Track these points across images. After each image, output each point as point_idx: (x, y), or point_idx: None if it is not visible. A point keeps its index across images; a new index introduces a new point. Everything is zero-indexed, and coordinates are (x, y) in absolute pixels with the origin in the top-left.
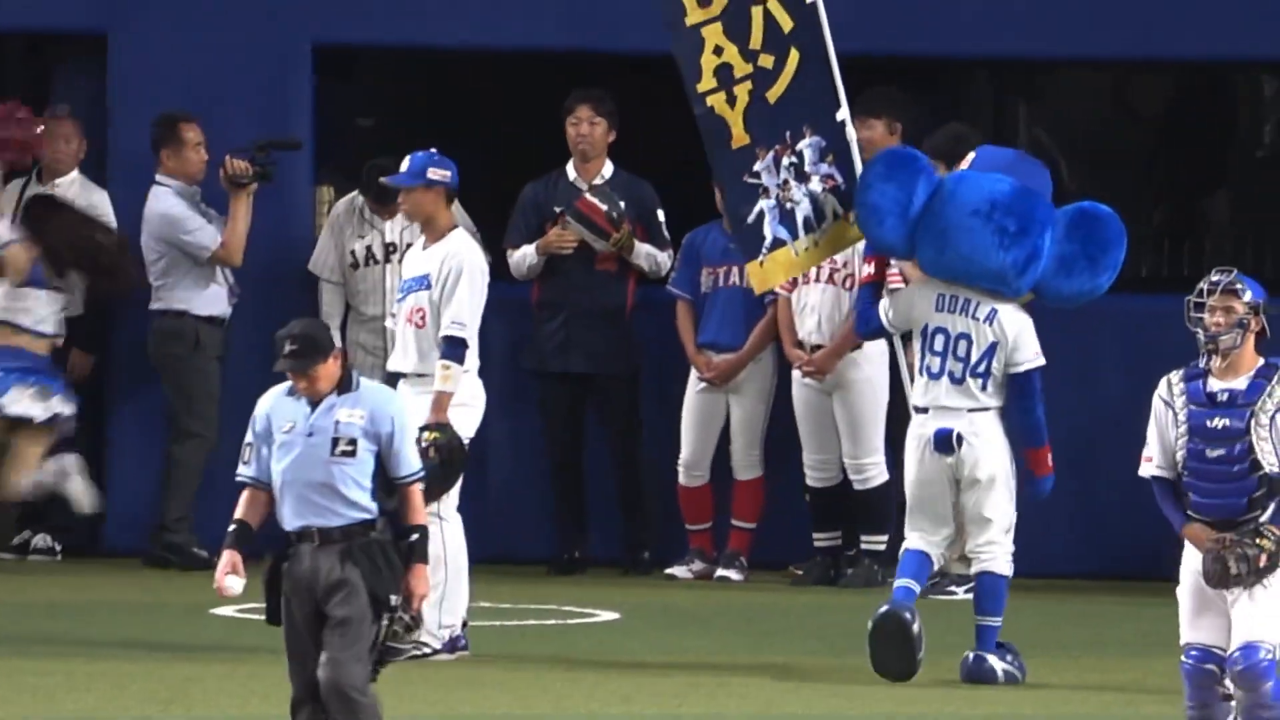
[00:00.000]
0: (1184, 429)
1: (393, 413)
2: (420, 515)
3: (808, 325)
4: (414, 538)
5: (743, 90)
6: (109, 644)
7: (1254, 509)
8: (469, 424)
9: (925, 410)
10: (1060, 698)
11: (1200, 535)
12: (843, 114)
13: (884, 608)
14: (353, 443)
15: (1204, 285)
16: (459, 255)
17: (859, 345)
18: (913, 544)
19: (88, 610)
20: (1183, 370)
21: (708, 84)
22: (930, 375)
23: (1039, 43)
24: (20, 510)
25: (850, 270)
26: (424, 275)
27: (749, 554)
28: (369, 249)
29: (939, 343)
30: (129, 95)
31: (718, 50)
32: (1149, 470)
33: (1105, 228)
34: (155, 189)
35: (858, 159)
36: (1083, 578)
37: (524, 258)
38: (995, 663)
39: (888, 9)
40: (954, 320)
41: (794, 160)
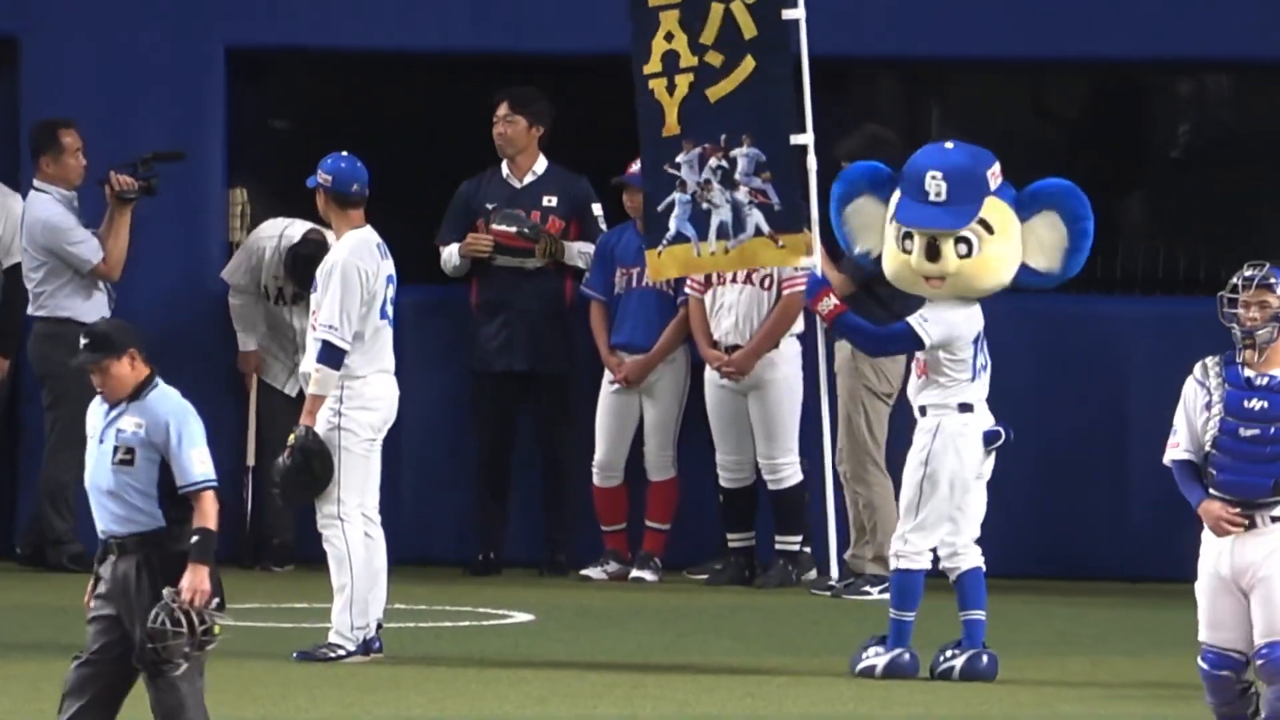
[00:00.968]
0: (1218, 408)
1: (171, 421)
2: (206, 519)
3: (724, 325)
4: (194, 539)
5: (684, 81)
6: (22, 646)
7: (1277, 492)
8: (367, 426)
9: (971, 408)
10: (974, 698)
11: (1218, 512)
12: (804, 139)
13: (892, 667)
14: (130, 452)
15: (1237, 280)
16: (334, 257)
17: (776, 345)
18: (919, 563)
19: (8, 614)
20: (1220, 355)
21: (653, 67)
22: (982, 373)
23: (951, 43)
24: None
25: (769, 271)
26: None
27: (663, 555)
28: (281, 290)
29: (983, 342)
30: (41, 100)
31: (669, 36)
32: (1176, 455)
33: (1070, 193)
34: (34, 195)
35: (813, 185)
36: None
37: (450, 256)
38: (987, 658)
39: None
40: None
41: (723, 164)
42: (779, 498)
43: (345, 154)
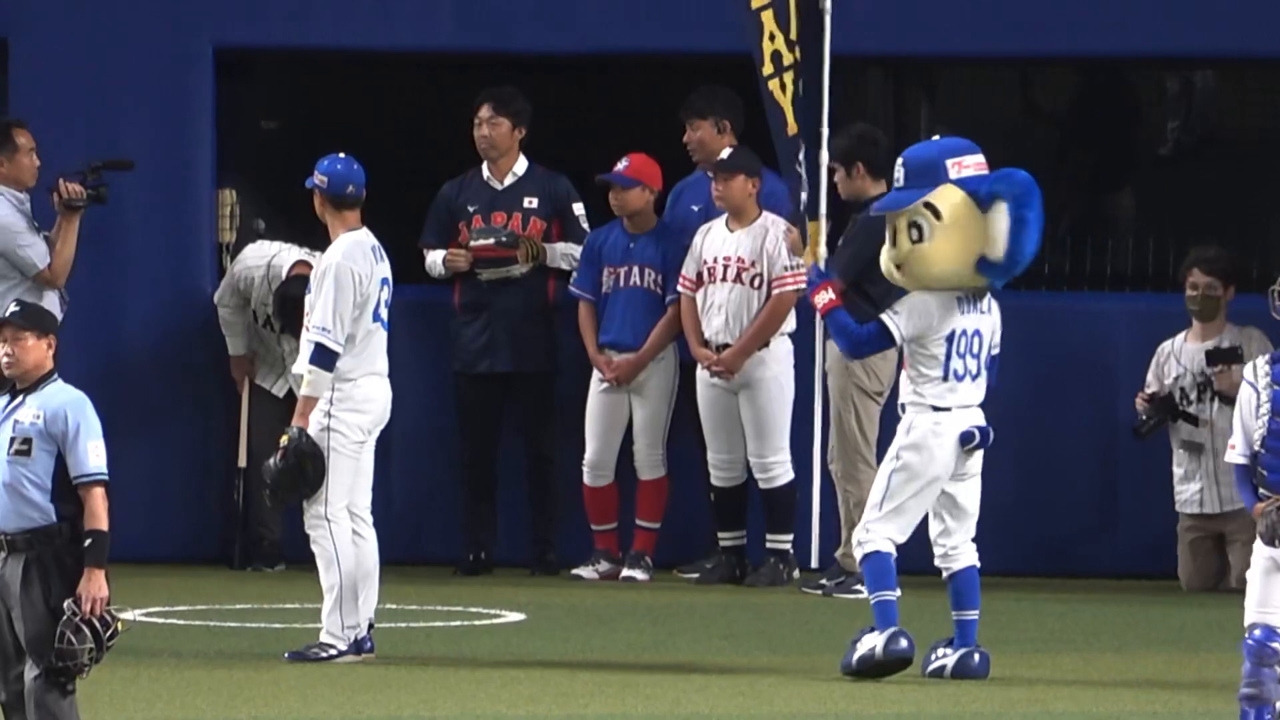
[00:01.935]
0: (1267, 407)
1: (70, 412)
2: (97, 519)
3: (715, 324)
4: (88, 542)
5: (789, 79)
6: None
7: None
8: (356, 428)
9: (948, 410)
10: (965, 696)
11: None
12: (823, 130)
13: (891, 647)
14: (27, 442)
15: None
16: (327, 259)
17: (766, 344)
18: (884, 546)
19: None
20: (1268, 355)
21: (768, 68)
22: (957, 378)
23: (939, 41)
24: None
25: (759, 270)
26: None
27: (654, 554)
28: (269, 315)
29: (963, 344)
30: (29, 100)
31: (771, 37)
32: (1231, 457)
33: (1017, 182)
34: None
35: (824, 177)
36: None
37: (434, 264)
38: (979, 656)
39: None
40: (972, 320)
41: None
42: (770, 496)
43: (342, 155)
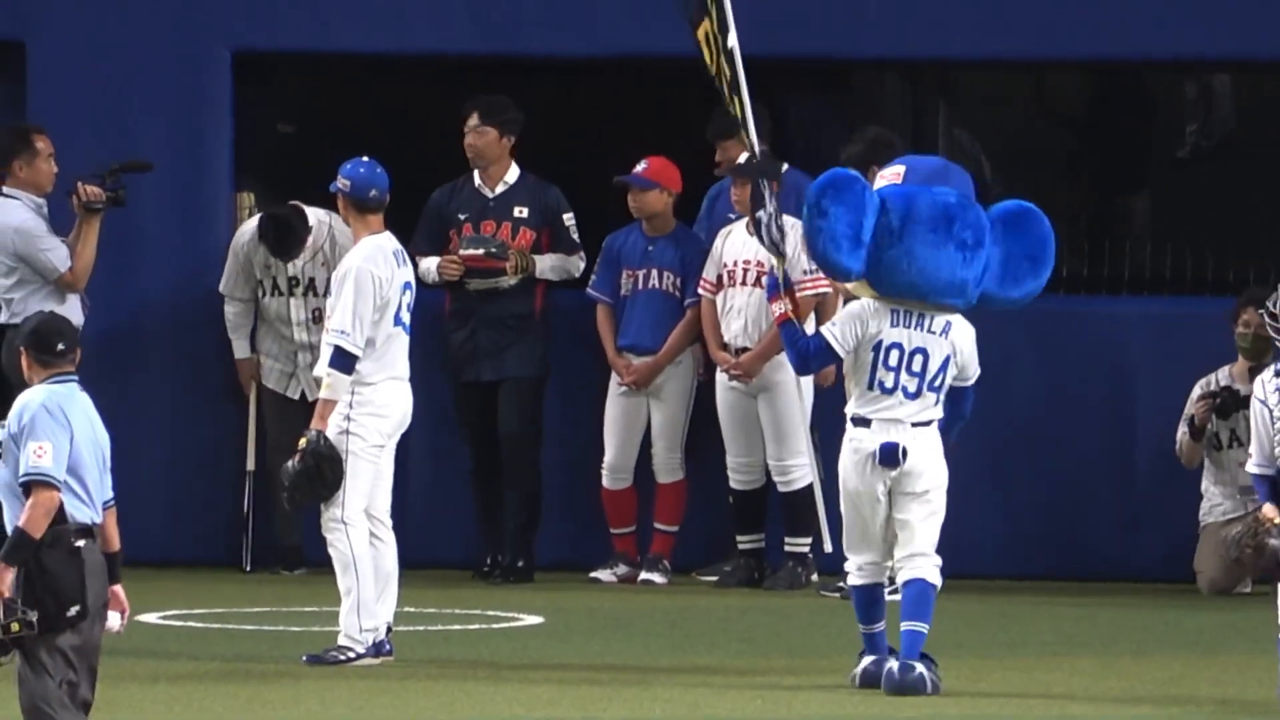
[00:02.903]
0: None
1: (25, 412)
2: (24, 520)
3: (734, 328)
4: (9, 538)
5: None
6: None
7: None
8: (376, 432)
9: (867, 423)
10: (983, 700)
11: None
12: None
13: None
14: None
15: None
16: (348, 262)
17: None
18: (858, 580)
19: None
20: (1274, 367)
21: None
22: (882, 389)
23: (955, 45)
24: None
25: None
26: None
27: (672, 557)
28: (274, 280)
29: (894, 358)
30: (47, 104)
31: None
32: (1249, 468)
33: (1038, 225)
34: (4, 201)
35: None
36: (1006, 578)
37: (427, 272)
38: (924, 671)
39: (798, 10)
40: (910, 335)
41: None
42: (789, 499)
43: (366, 159)
